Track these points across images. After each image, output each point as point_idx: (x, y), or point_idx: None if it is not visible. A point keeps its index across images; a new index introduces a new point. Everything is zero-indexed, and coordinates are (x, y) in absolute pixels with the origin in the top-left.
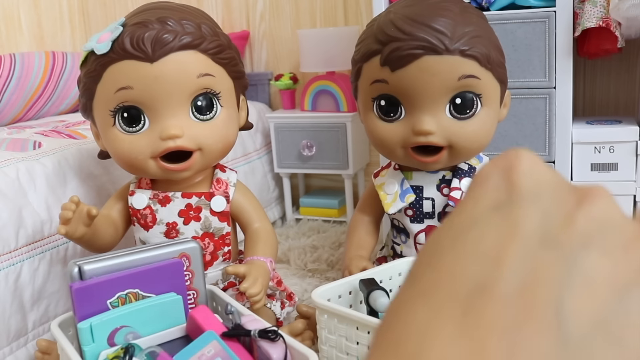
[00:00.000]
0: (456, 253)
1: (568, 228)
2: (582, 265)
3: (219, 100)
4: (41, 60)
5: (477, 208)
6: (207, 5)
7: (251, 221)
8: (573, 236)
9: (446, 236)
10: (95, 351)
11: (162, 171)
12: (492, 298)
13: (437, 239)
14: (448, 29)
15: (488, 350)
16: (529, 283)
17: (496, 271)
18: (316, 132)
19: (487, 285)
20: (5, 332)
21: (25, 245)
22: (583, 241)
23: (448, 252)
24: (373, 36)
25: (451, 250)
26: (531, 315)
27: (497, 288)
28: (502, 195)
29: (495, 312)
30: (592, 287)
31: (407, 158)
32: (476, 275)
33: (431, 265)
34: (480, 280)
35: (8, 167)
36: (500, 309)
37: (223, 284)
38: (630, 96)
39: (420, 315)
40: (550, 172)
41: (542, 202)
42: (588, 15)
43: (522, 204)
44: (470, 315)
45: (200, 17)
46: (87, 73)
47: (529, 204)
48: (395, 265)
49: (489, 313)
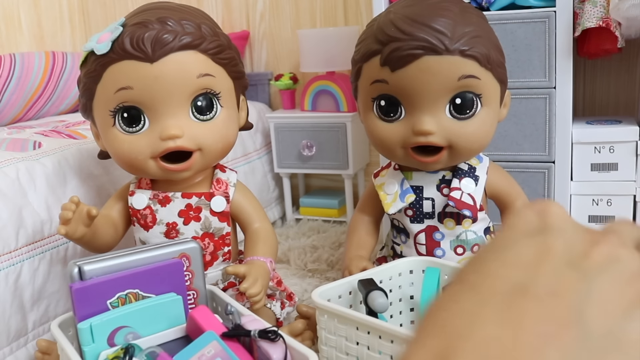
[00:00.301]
0: (499, 262)
1: (586, 258)
2: (597, 287)
3: (219, 100)
4: (41, 60)
5: (515, 234)
6: (207, 5)
7: (251, 221)
8: (590, 265)
9: (489, 251)
10: (95, 351)
11: (162, 171)
12: (529, 296)
13: (480, 254)
14: (448, 29)
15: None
16: (558, 290)
17: (533, 277)
18: (316, 132)
19: (525, 286)
20: (5, 332)
21: (25, 245)
22: (598, 270)
23: (492, 261)
24: (373, 36)
25: (494, 260)
26: (560, 314)
27: (533, 289)
28: (536, 227)
29: (531, 307)
30: (605, 304)
31: (407, 158)
32: (516, 278)
33: (476, 270)
34: (520, 282)
35: (8, 167)
36: (535, 305)
37: (223, 284)
38: (630, 96)
39: (467, 305)
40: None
41: (567, 237)
42: (588, 15)
43: (552, 234)
44: (510, 308)
45: (200, 17)
46: (87, 73)
47: (557, 235)
48: (395, 266)
49: (526, 307)
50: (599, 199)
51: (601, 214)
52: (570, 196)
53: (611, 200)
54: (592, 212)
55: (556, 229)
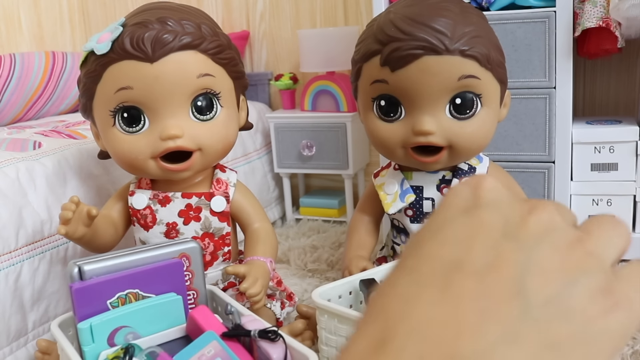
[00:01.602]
0: (435, 242)
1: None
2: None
3: (219, 100)
4: (41, 60)
5: (450, 212)
6: (207, 5)
7: (251, 221)
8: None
9: (425, 232)
10: (95, 351)
11: (162, 171)
12: (467, 273)
13: (418, 236)
14: (448, 29)
15: (463, 313)
16: (495, 264)
17: (469, 253)
18: (316, 132)
19: (462, 263)
20: (5, 332)
21: (25, 245)
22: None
23: (428, 242)
24: (373, 36)
25: (430, 241)
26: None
27: (471, 265)
28: (470, 204)
29: (468, 283)
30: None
31: (407, 158)
32: (452, 256)
33: (413, 253)
34: (456, 259)
35: (8, 167)
36: (472, 281)
37: (223, 284)
38: (630, 96)
39: (405, 288)
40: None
41: (502, 209)
42: (588, 15)
43: (486, 208)
44: (447, 286)
45: (200, 17)
46: (87, 73)
47: (492, 209)
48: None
49: (463, 284)
50: (599, 199)
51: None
52: (570, 196)
53: (611, 200)
54: (592, 212)
55: (490, 202)
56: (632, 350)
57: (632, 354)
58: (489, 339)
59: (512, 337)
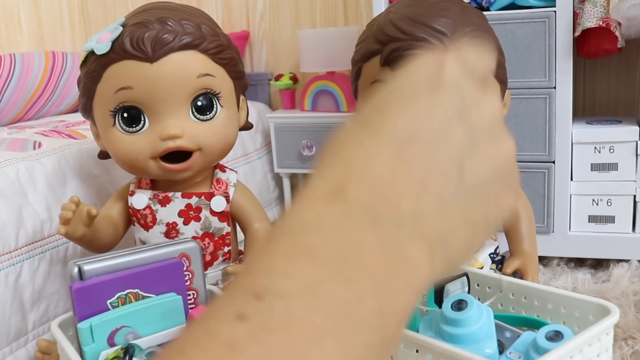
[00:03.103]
0: (399, 111)
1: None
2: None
3: (219, 100)
4: (41, 60)
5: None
6: (207, 5)
7: (251, 221)
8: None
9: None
10: (95, 351)
11: (162, 171)
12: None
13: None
14: (448, 29)
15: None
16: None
17: (425, 128)
18: (316, 132)
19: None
20: (5, 332)
21: (25, 245)
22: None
23: (393, 110)
24: (373, 36)
25: (395, 110)
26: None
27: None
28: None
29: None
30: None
31: None
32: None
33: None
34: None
35: (8, 167)
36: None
37: (223, 284)
38: (630, 96)
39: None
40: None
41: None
42: (588, 15)
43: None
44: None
45: (200, 17)
46: (87, 73)
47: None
48: None
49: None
50: (599, 199)
51: (601, 214)
52: (570, 196)
53: (611, 200)
54: (592, 212)
55: (452, 84)
56: (633, 351)
57: (632, 354)
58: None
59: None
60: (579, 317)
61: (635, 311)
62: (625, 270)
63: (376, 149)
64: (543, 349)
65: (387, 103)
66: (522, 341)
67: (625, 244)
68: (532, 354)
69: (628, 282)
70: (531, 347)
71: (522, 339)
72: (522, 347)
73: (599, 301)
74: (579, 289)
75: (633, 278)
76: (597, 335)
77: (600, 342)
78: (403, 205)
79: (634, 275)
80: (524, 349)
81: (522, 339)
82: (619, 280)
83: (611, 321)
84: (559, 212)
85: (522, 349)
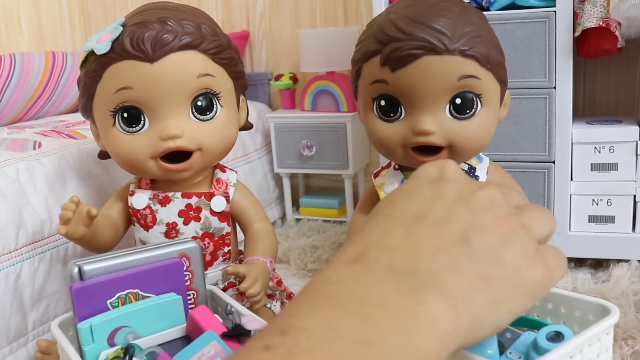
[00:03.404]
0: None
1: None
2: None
3: (219, 100)
4: (41, 60)
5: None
6: (207, 5)
7: (251, 221)
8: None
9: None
10: (95, 351)
11: (162, 171)
12: (427, 222)
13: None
14: (448, 29)
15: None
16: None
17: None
18: (316, 132)
19: (424, 215)
20: (5, 332)
21: (25, 245)
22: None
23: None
24: (373, 36)
25: (402, 199)
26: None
27: (430, 217)
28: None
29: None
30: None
31: (407, 158)
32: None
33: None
34: (420, 212)
35: (8, 167)
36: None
37: (223, 284)
38: (630, 96)
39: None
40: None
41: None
42: (588, 15)
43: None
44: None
45: (200, 17)
46: (87, 73)
47: (451, 183)
48: None
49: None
50: (599, 199)
51: (601, 213)
52: (570, 196)
53: (611, 200)
54: (592, 212)
55: (451, 179)
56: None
57: (632, 354)
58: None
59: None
60: (579, 317)
61: (635, 311)
62: (625, 270)
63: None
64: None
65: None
66: (522, 342)
67: (625, 244)
68: (532, 355)
69: (628, 282)
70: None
71: (523, 340)
72: (522, 348)
73: (599, 301)
74: (579, 289)
75: (633, 278)
76: (597, 336)
77: (600, 342)
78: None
79: (634, 275)
80: (524, 350)
81: (523, 339)
82: (619, 280)
83: (611, 321)
84: (559, 212)
85: (522, 350)
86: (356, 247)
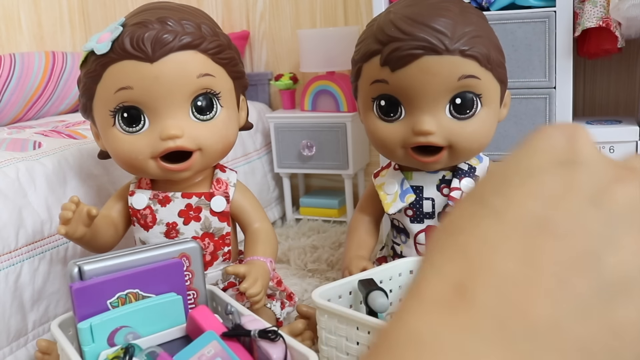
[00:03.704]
0: (524, 189)
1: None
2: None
3: (219, 100)
4: (41, 60)
5: (542, 159)
6: (207, 5)
7: (251, 221)
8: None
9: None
10: (95, 351)
11: (162, 171)
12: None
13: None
14: (448, 29)
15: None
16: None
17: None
18: (316, 132)
19: (547, 221)
20: (5, 332)
21: (25, 245)
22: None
23: (517, 187)
24: (373, 36)
25: (520, 187)
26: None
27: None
28: (566, 155)
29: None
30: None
31: (407, 158)
32: (539, 211)
33: (500, 193)
34: (542, 216)
35: (8, 167)
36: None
37: (223, 284)
38: (630, 96)
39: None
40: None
41: (594, 170)
42: (588, 15)
43: (579, 167)
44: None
45: (200, 17)
46: (87, 73)
47: (584, 169)
48: (395, 266)
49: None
50: None
51: None
52: None
53: None
54: None
55: (584, 161)
56: None
57: None
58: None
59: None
60: None
61: None
62: None
63: (501, 237)
64: None
65: (509, 180)
66: None
67: None
68: None
69: None
70: None
71: None
72: None
73: None
74: None
75: None
76: None
77: None
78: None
79: None
80: None
81: None
82: None
83: None
84: None
85: None
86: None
